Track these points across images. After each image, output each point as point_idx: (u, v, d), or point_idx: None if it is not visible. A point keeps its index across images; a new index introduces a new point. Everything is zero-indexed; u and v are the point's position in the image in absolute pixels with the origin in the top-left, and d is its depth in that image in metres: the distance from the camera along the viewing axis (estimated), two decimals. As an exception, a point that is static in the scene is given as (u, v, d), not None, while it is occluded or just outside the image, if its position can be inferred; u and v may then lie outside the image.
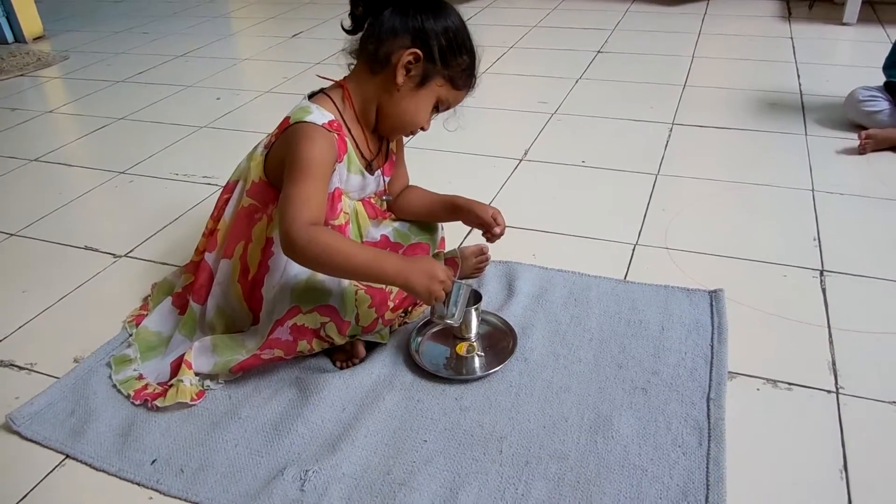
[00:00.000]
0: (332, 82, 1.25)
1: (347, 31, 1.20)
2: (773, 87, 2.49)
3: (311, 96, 1.23)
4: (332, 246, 1.08)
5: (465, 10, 1.22)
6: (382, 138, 1.30)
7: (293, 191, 1.10)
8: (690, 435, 1.07)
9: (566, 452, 1.06)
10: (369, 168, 1.27)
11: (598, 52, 3.00)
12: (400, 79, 1.15)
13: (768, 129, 2.16)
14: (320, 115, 1.16)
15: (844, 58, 2.85)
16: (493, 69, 2.83)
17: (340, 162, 1.19)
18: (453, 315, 1.19)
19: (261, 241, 1.24)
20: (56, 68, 3.25)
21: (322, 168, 1.13)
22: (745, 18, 3.38)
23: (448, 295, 1.17)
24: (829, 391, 1.15)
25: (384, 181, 1.33)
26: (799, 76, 2.58)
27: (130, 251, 1.68)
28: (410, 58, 1.14)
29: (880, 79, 2.08)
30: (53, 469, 1.09)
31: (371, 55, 1.17)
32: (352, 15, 1.18)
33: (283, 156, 1.17)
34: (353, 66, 1.23)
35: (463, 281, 1.21)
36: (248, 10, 4.22)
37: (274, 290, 1.22)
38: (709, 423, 1.09)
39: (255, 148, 1.27)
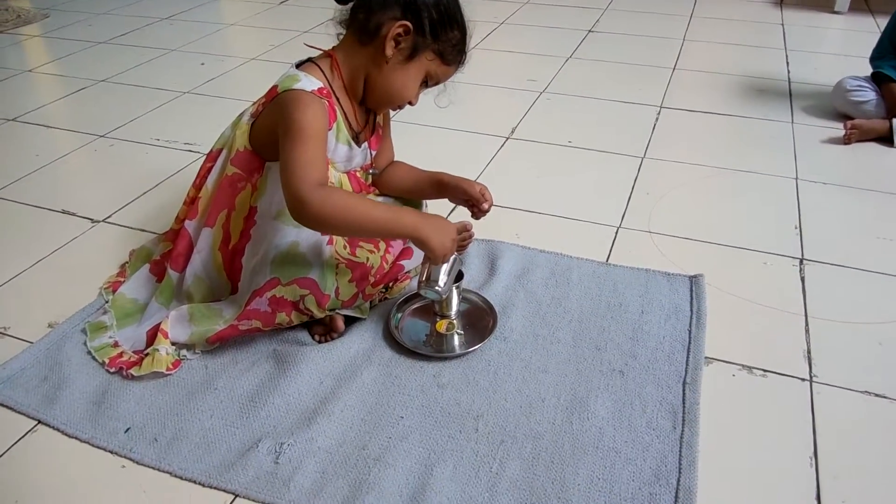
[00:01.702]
0: (321, 52, 1.22)
1: (338, 1, 1.17)
2: (762, 73, 2.49)
3: (299, 65, 1.20)
4: (348, 203, 1.07)
5: (455, -16, 1.20)
6: (369, 111, 1.28)
7: (294, 154, 1.07)
8: (665, 418, 1.08)
9: (542, 432, 1.06)
10: (356, 139, 1.26)
11: (590, 31, 2.98)
12: (389, 51, 1.14)
13: (755, 115, 2.16)
14: (309, 82, 1.14)
15: (834, 46, 2.85)
16: (482, 45, 2.80)
17: (330, 129, 1.17)
18: (444, 284, 1.19)
19: (244, 210, 1.23)
20: (36, 26, 3.17)
21: (319, 131, 1.11)
22: (737, 3, 3.37)
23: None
24: (803, 379, 1.16)
25: (371, 154, 1.31)
26: (788, 63, 2.58)
27: (108, 217, 1.66)
28: (400, 30, 1.12)
29: (869, 69, 2.09)
30: (25, 434, 1.08)
31: (361, 25, 1.15)
32: None
33: (271, 125, 1.16)
34: (342, 36, 1.21)
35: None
36: (235, -26, 4.14)
37: (254, 260, 1.21)
38: (684, 407, 1.10)
39: (241, 116, 1.25)
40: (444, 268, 1.19)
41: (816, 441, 1.05)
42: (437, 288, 1.19)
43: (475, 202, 1.33)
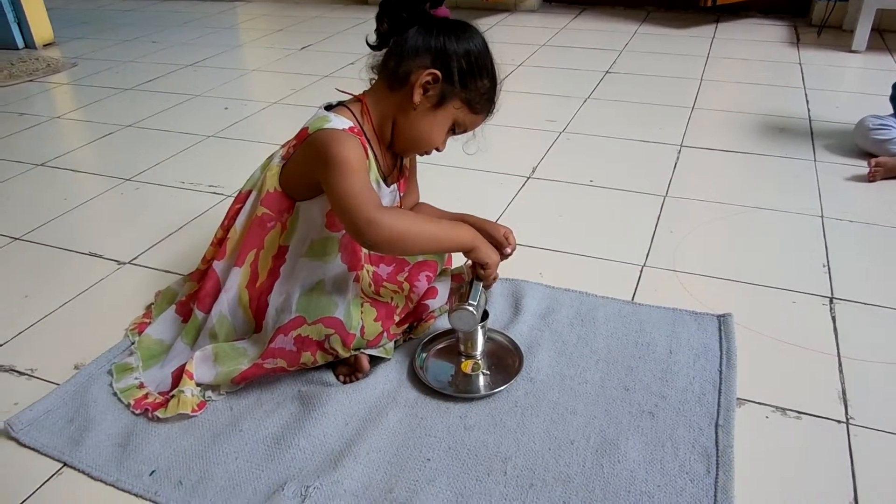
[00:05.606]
0: (351, 96, 1.24)
1: (372, 47, 1.19)
2: (782, 111, 2.49)
3: (329, 108, 1.22)
4: (412, 220, 1.15)
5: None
6: (397, 155, 1.29)
7: (346, 184, 1.09)
8: (698, 462, 1.05)
9: (572, 475, 1.04)
10: (385, 180, 1.26)
11: (607, 72, 3.00)
12: (417, 98, 1.15)
13: (777, 153, 2.15)
14: (340, 122, 1.15)
15: (853, 85, 2.86)
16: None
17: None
18: (477, 304, 1.21)
19: (272, 249, 1.24)
20: (65, 74, 3.25)
21: (360, 162, 1.12)
22: (753, 43, 3.39)
23: (470, 293, 1.22)
24: (839, 421, 1.14)
25: (399, 196, 1.32)
26: (808, 101, 2.58)
27: (134, 258, 1.67)
28: (429, 78, 1.14)
29: (888, 107, 2.08)
30: (51, 477, 1.07)
31: (391, 72, 1.17)
32: (377, 31, 1.17)
33: (303, 165, 1.17)
34: (373, 81, 1.23)
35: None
36: (256, 22, 4.24)
37: (281, 299, 1.21)
38: (717, 450, 1.07)
39: (271, 158, 1.26)
40: (479, 290, 1.22)
41: (856, 486, 1.02)
42: (470, 307, 1.19)
43: (499, 245, 1.32)
